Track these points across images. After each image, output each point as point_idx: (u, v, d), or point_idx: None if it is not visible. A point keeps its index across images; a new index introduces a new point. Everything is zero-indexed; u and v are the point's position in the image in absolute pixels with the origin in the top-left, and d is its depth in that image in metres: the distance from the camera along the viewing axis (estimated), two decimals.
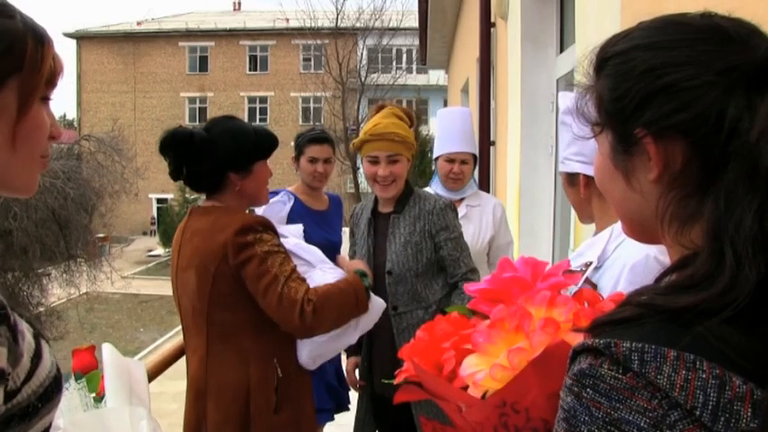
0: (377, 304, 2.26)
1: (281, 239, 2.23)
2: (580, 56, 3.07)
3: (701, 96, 0.72)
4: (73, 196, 13.32)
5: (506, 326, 0.99)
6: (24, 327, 0.86)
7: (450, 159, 3.29)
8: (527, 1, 4.46)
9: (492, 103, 5.84)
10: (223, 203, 2.19)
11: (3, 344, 0.78)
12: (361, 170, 2.82)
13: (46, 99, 0.94)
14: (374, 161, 2.62)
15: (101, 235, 16.54)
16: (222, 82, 36.68)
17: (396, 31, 30.07)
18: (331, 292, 2.11)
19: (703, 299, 0.67)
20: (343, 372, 3.38)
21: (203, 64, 37.24)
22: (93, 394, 1.27)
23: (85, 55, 36.69)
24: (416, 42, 14.39)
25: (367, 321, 2.26)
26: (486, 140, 5.66)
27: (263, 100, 36.81)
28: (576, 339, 0.90)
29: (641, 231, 0.85)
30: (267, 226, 2.14)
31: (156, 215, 35.25)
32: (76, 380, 1.25)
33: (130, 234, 32.11)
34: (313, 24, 30.42)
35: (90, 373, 1.30)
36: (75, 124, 36.79)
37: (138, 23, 37.54)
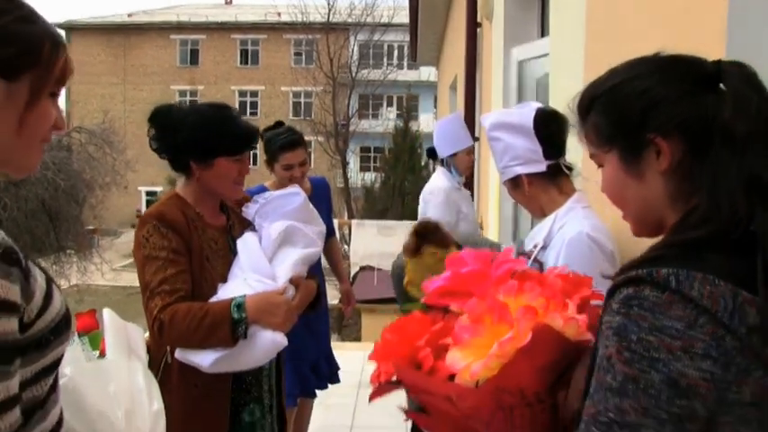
0: (260, 340, 2.02)
1: (244, 240, 2.18)
2: (552, 60, 3.24)
3: (685, 101, 0.99)
4: (63, 187, 13.41)
5: (488, 320, 1.10)
6: (37, 272, 1.02)
7: (471, 151, 3.70)
8: (510, 3, 4.63)
9: (477, 101, 6.00)
10: (187, 189, 2.19)
11: (16, 282, 0.94)
12: (351, 165, 2.88)
13: (54, 95, 1.10)
14: None
15: (90, 227, 16.62)
16: (213, 75, 36.66)
17: (387, 26, 30.17)
18: (187, 314, 1.96)
19: (709, 231, 0.93)
20: (322, 361, 3.56)
21: (194, 57, 37.19)
22: (97, 352, 1.43)
23: (75, 46, 36.54)
24: (407, 38, 14.53)
25: (247, 356, 2.03)
26: (471, 136, 5.81)
27: (254, 94, 36.83)
28: (555, 320, 1.07)
29: (651, 220, 1.07)
30: (165, 220, 2.07)
31: (144, 208, 35.25)
32: (79, 337, 1.41)
33: (119, 227, 32.05)
34: (304, 19, 30.47)
35: (92, 333, 1.46)
36: (65, 116, 36.68)
37: (129, 15, 37.48)
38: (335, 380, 3.70)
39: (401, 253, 2.53)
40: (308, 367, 3.47)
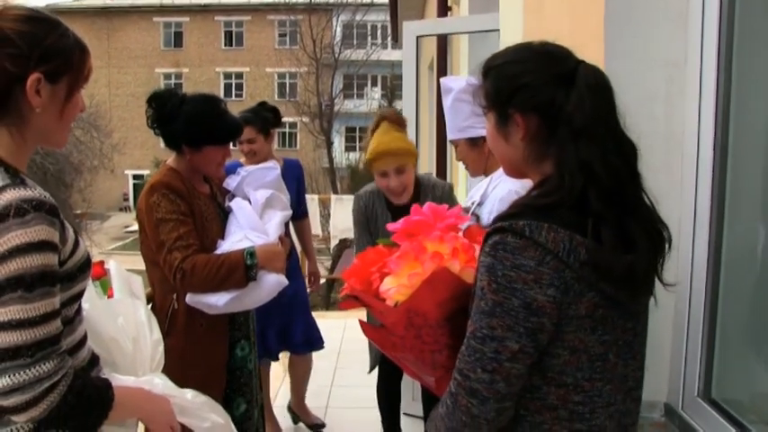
0: (267, 282, 2.46)
1: (239, 205, 2.61)
2: (501, 34, 3.54)
3: (543, 90, 1.27)
4: (52, 171, 13.60)
5: (409, 257, 1.44)
6: (68, 224, 1.38)
7: None
8: None
9: None
10: (180, 164, 2.56)
11: (57, 230, 1.30)
12: (335, 144, 3.18)
13: (81, 88, 1.45)
14: (384, 174, 2.98)
15: (78, 211, 16.81)
16: (197, 57, 36.64)
17: (369, 6, 30.21)
18: (206, 263, 2.37)
19: (556, 199, 1.22)
20: (294, 328, 3.90)
21: (178, 39, 37.13)
22: (105, 296, 1.76)
23: None
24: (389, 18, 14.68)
25: (255, 295, 2.47)
26: (443, 115, 6.11)
27: (239, 75, 36.86)
28: (453, 266, 1.41)
29: (516, 171, 1.39)
30: (172, 189, 2.43)
31: (132, 191, 35.36)
32: (92, 282, 1.73)
33: (106, 210, 32.14)
34: (287, 0, 30.46)
35: (102, 279, 1.79)
36: None
37: None
38: (318, 347, 4.06)
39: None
40: (274, 331, 3.81)
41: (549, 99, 1.26)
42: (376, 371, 3.48)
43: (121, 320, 1.59)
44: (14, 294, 1.22)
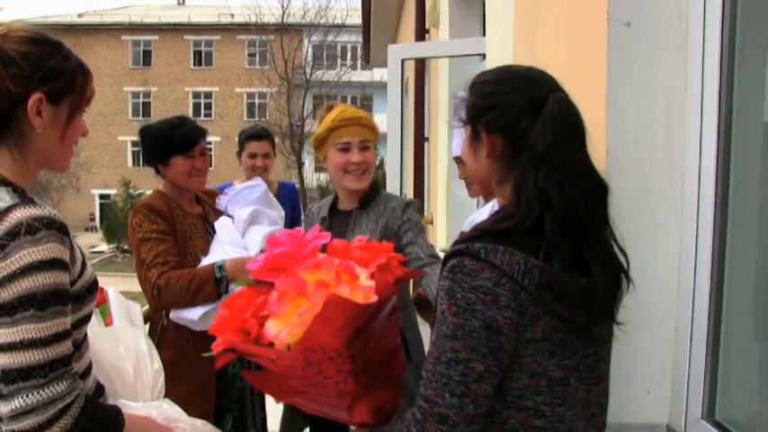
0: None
1: (221, 222, 2.65)
2: (488, 60, 3.58)
3: (510, 112, 1.29)
4: None
5: (291, 294, 1.34)
6: (75, 245, 1.36)
7: None
8: (455, 12, 4.99)
9: (426, 102, 6.35)
10: (166, 187, 2.67)
11: (68, 248, 1.29)
12: (306, 165, 3.03)
13: (83, 111, 1.45)
14: (345, 148, 2.43)
15: None
16: (166, 76, 36.40)
17: (341, 28, 30.39)
18: (179, 278, 2.41)
19: (512, 223, 1.24)
20: None
21: (147, 58, 36.88)
22: (104, 323, 1.72)
23: None
24: (361, 40, 14.77)
25: None
26: (420, 137, 6.16)
27: (208, 95, 36.69)
28: (342, 291, 1.31)
29: (486, 189, 1.40)
30: (153, 209, 2.54)
31: (98, 211, 34.81)
32: None
33: (73, 230, 31.51)
34: (258, 20, 30.50)
35: (101, 306, 1.75)
36: None
37: (80, 15, 36.93)
38: None
39: None
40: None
41: (515, 123, 1.28)
42: None
43: (122, 349, 1.57)
44: (27, 313, 1.20)
